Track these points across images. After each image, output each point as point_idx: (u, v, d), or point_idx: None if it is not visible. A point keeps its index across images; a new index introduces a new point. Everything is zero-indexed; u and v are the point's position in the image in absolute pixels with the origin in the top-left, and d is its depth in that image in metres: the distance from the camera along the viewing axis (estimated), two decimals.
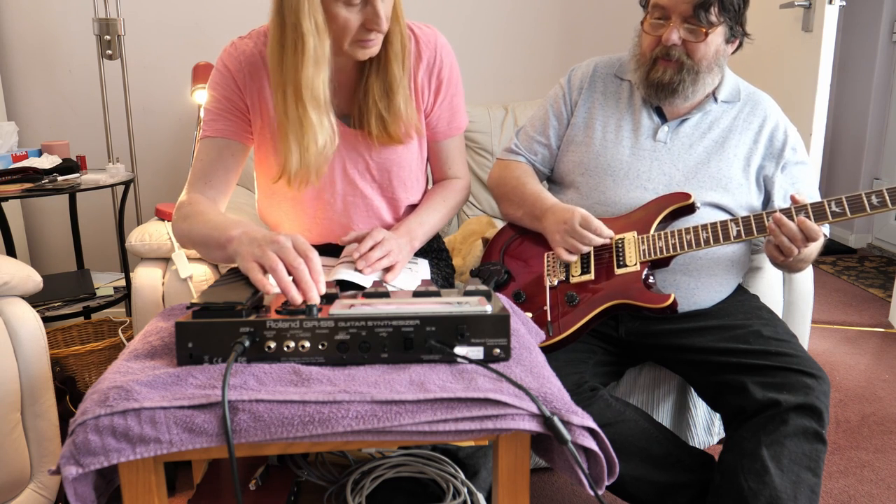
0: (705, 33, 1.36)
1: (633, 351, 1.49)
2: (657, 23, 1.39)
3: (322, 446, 0.81)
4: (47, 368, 1.44)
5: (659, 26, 1.39)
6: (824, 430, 1.23)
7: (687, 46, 1.38)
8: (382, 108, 1.23)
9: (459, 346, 0.86)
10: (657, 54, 1.40)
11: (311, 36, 1.09)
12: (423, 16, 2.41)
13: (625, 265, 1.36)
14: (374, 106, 1.23)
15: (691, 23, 1.36)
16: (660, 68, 1.40)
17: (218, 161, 1.25)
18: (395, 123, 1.24)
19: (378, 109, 1.23)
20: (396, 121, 1.24)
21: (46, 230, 2.69)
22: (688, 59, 1.38)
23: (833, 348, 2.57)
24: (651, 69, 1.42)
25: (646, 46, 1.43)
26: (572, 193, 1.51)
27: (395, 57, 1.21)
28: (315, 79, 1.13)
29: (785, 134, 1.46)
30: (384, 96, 1.23)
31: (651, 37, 1.41)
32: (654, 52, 1.41)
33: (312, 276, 0.94)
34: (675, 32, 1.37)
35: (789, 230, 1.25)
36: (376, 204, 1.34)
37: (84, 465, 0.74)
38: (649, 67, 1.42)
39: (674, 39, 1.37)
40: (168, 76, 2.60)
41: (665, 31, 1.38)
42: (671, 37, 1.37)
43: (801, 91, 2.36)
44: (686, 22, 1.36)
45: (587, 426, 0.79)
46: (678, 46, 1.38)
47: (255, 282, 0.95)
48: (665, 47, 1.38)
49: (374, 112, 1.23)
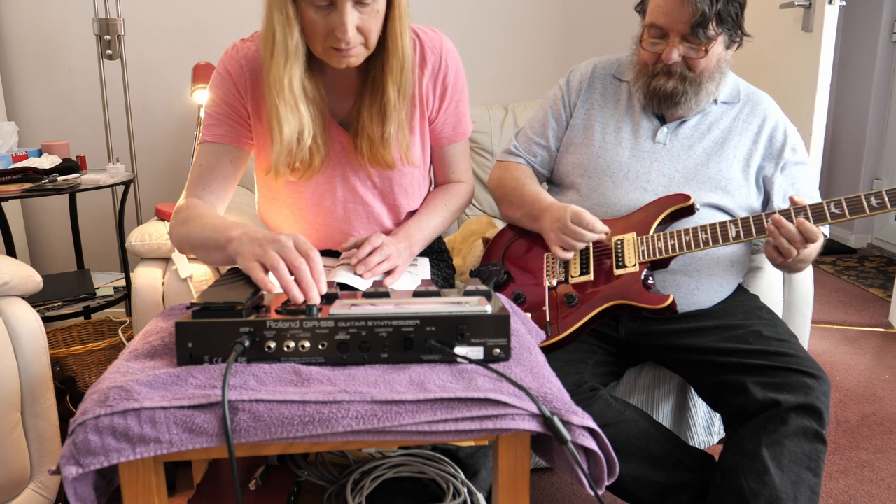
0: (705, 49, 1.35)
1: (633, 351, 1.49)
2: (655, 41, 1.38)
3: (322, 446, 0.81)
4: (47, 368, 1.44)
5: (657, 44, 1.38)
6: (824, 430, 1.23)
7: (688, 62, 1.38)
8: (375, 134, 1.21)
9: (459, 346, 0.86)
10: (658, 70, 1.40)
11: (281, 27, 1.09)
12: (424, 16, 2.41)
13: (624, 266, 1.36)
14: (365, 130, 1.21)
15: (690, 41, 1.35)
16: (661, 79, 1.40)
17: (217, 167, 1.25)
18: (385, 150, 1.22)
19: (369, 134, 1.21)
20: (387, 148, 1.22)
21: (46, 230, 2.69)
22: (689, 72, 1.38)
23: (833, 348, 2.57)
24: (652, 80, 1.41)
25: (646, 59, 1.42)
26: (572, 195, 1.51)
27: (391, 78, 1.17)
28: (282, 72, 1.12)
29: (784, 134, 1.46)
30: (378, 121, 1.20)
31: (650, 53, 1.41)
32: (655, 67, 1.40)
33: (314, 275, 0.94)
34: (674, 51, 1.36)
35: (788, 232, 1.25)
36: (377, 210, 1.33)
37: (84, 465, 0.74)
38: (650, 78, 1.42)
39: (674, 58, 1.36)
40: (168, 76, 2.60)
41: (664, 49, 1.37)
42: (671, 56, 1.36)
43: (801, 91, 2.36)
44: (685, 40, 1.35)
45: (587, 426, 0.79)
46: (679, 63, 1.38)
47: (256, 281, 0.95)
48: (666, 65, 1.38)
49: (365, 135, 1.22)
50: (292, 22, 1.09)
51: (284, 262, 0.94)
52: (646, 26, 1.40)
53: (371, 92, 1.20)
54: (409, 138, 1.26)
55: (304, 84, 1.17)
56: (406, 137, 1.25)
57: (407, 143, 1.25)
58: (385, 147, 1.22)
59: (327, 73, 1.22)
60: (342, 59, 1.12)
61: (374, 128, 1.21)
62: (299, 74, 1.14)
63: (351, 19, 1.06)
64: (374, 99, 1.20)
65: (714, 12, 1.31)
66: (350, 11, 1.06)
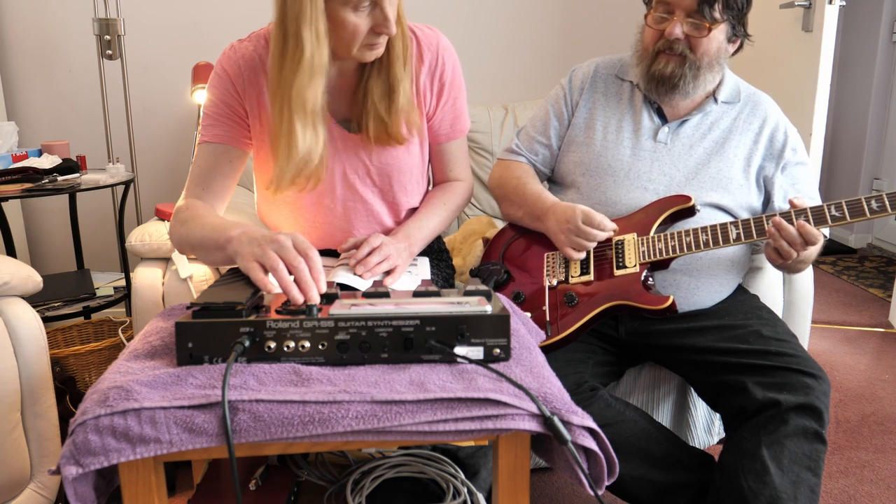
0: (708, 28, 1.36)
1: (633, 351, 1.49)
2: (661, 17, 1.40)
3: (322, 446, 0.81)
4: (47, 368, 1.44)
5: (662, 20, 1.40)
6: (824, 430, 1.23)
7: (690, 41, 1.38)
8: (382, 110, 1.22)
9: (459, 346, 0.86)
10: (660, 48, 1.41)
11: (310, 44, 1.09)
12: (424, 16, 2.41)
13: (624, 266, 1.36)
14: (374, 108, 1.22)
15: (695, 18, 1.36)
16: (661, 61, 1.41)
17: (216, 167, 1.25)
18: (395, 124, 1.23)
19: (377, 111, 1.22)
20: (397, 121, 1.23)
21: (46, 230, 2.69)
22: (690, 52, 1.39)
23: (833, 348, 2.57)
24: (653, 62, 1.42)
25: (648, 40, 1.43)
26: (573, 193, 1.51)
27: (396, 58, 1.20)
28: (307, 89, 1.12)
29: (785, 134, 1.47)
30: (385, 97, 1.22)
31: (654, 30, 1.42)
32: (657, 45, 1.41)
33: (313, 274, 0.94)
34: (678, 27, 1.37)
35: (789, 234, 1.25)
36: (377, 209, 1.33)
37: (84, 465, 0.74)
38: (651, 61, 1.42)
39: (677, 33, 1.37)
40: (168, 76, 2.60)
41: (668, 25, 1.38)
42: (674, 31, 1.37)
43: (801, 91, 2.36)
44: (690, 17, 1.37)
45: (587, 426, 0.79)
46: (681, 41, 1.38)
47: (255, 281, 0.95)
48: (668, 41, 1.39)
49: (372, 114, 1.22)
50: (322, 38, 1.09)
51: (283, 262, 0.94)
52: (653, 3, 1.41)
53: (377, 73, 1.22)
54: (416, 110, 1.27)
55: None
56: (414, 109, 1.26)
57: (416, 114, 1.26)
58: (394, 120, 1.23)
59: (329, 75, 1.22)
60: (374, 53, 1.16)
61: (384, 104, 1.22)
62: (322, 91, 1.14)
63: (392, 12, 1.11)
64: (381, 77, 1.22)
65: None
66: (390, 5, 1.10)
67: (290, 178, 1.18)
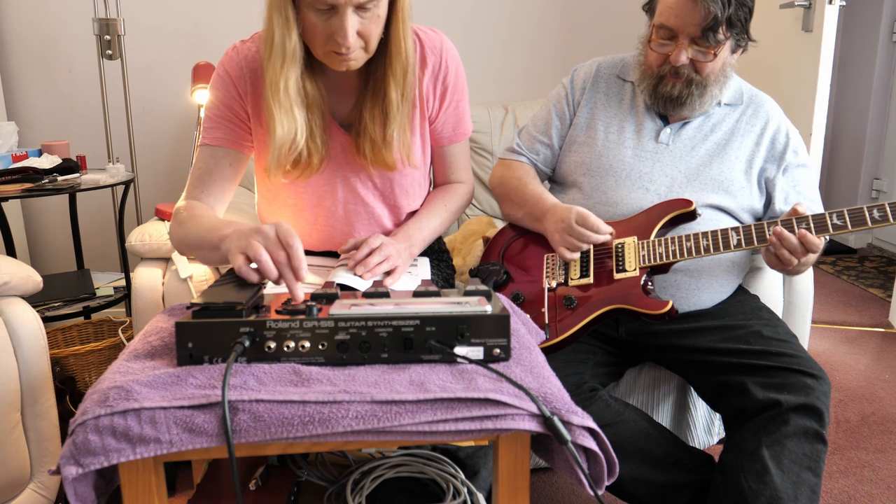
0: (714, 53, 1.35)
1: (633, 351, 1.49)
2: (664, 43, 1.38)
3: (322, 446, 0.81)
4: (47, 368, 1.44)
5: (665, 46, 1.38)
6: (825, 431, 1.23)
7: (695, 65, 1.38)
8: (377, 136, 1.21)
9: (459, 346, 0.86)
10: (665, 72, 1.40)
11: (279, 29, 1.09)
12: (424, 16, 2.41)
13: (624, 270, 1.36)
14: (367, 131, 1.21)
15: (699, 44, 1.35)
16: (668, 83, 1.40)
17: (216, 170, 1.25)
18: (388, 152, 1.22)
19: (371, 136, 1.21)
20: (389, 150, 1.22)
21: (46, 230, 2.69)
22: (696, 74, 1.38)
23: (833, 348, 2.57)
24: (659, 83, 1.41)
25: (652, 61, 1.42)
26: (574, 194, 1.51)
27: (394, 81, 1.17)
28: (279, 74, 1.12)
29: (787, 137, 1.46)
30: (379, 123, 1.20)
31: (658, 54, 1.40)
32: (661, 68, 1.40)
33: (293, 263, 0.94)
34: (683, 54, 1.36)
35: (790, 243, 1.25)
36: (378, 211, 1.33)
37: (84, 465, 0.74)
38: (656, 81, 1.42)
39: (683, 61, 1.36)
40: (168, 76, 2.59)
41: (672, 51, 1.37)
42: (680, 58, 1.36)
43: (801, 91, 2.36)
44: (694, 43, 1.35)
45: (587, 426, 0.79)
46: (686, 66, 1.37)
47: (238, 271, 0.95)
48: (673, 66, 1.38)
49: (367, 137, 1.22)
50: (291, 24, 1.09)
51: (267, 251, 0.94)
52: (655, 27, 1.39)
53: (373, 94, 1.20)
54: (410, 140, 1.26)
55: (305, 85, 1.17)
56: (408, 139, 1.25)
57: (408, 146, 1.25)
58: (387, 149, 1.22)
59: (328, 74, 1.22)
60: (342, 63, 1.12)
61: (376, 129, 1.21)
62: (296, 77, 1.14)
63: (351, 24, 1.06)
64: (376, 101, 1.20)
65: (725, 16, 1.31)
66: (351, 16, 1.05)
67: (276, 163, 1.19)
